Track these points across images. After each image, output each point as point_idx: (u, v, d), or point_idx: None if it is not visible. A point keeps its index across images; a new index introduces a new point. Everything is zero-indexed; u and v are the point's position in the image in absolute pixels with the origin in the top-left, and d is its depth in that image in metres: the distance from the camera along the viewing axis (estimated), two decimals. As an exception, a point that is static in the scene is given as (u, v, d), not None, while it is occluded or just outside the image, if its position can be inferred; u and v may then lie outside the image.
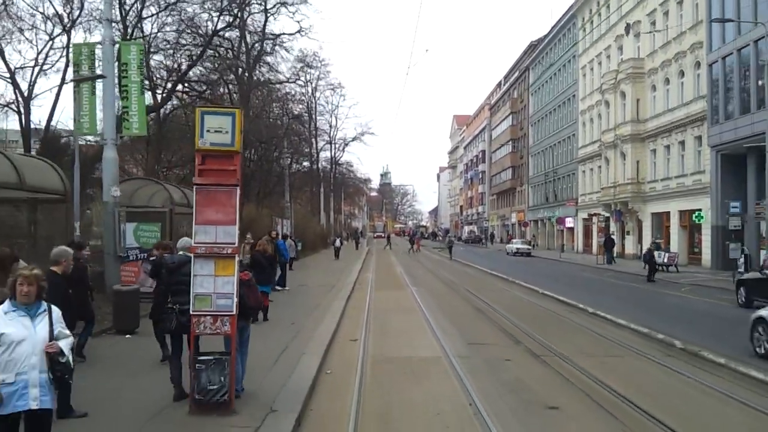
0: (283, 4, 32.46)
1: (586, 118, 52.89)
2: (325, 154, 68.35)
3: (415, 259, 44.01)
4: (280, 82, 36.58)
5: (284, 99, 41.78)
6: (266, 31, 33.81)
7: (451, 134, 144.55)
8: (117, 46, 13.24)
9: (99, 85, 13.18)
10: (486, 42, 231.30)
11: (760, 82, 28.71)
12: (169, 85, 24.05)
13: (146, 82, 17.10)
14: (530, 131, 72.69)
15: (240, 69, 32.60)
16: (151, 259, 9.49)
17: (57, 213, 10.86)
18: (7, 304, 4.30)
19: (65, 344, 4.35)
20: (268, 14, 32.91)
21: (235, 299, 6.47)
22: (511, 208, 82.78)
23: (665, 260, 32.30)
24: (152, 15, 21.08)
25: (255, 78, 34.24)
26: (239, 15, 31.20)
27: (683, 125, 36.43)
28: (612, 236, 42.18)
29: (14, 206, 10.63)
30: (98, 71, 12.98)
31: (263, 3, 32.19)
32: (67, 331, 4.52)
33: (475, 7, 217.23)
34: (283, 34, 34.82)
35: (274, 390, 7.43)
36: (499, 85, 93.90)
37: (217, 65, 27.76)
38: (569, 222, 56.09)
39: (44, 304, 4.38)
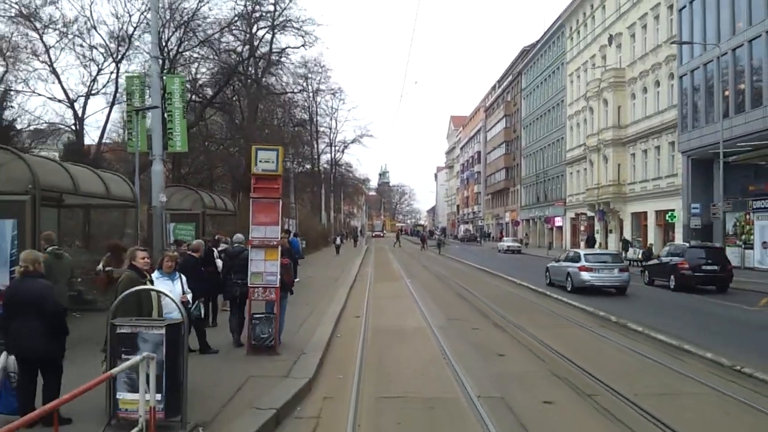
0: (289, 21, 35.38)
1: (573, 122, 55.85)
2: (325, 156, 71.29)
3: (412, 256, 47.01)
4: (285, 93, 39.40)
5: (287, 105, 44.66)
6: (273, 45, 36.73)
7: (448, 135, 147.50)
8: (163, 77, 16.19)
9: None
10: (482, 44, 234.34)
11: (726, 93, 31.62)
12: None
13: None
14: (523, 134, 75.63)
15: (249, 80, 35.46)
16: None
17: (128, 216, 13.78)
18: (156, 272, 7.26)
19: (190, 296, 7.31)
20: (276, 31, 35.78)
21: (278, 276, 9.43)
22: (504, 208, 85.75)
23: (639, 255, 35.36)
24: (188, 50, 24.15)
25: (263, 86, 37.13)
26: (249, 31, 34.22)
27: (659, 131, 39.44)
28: (593, 235, 45.17)
29: (105, 210, 13.58)
30: (147, 98, 15.91)
31: (271, 21, 35.07)
32: (189, 291, 7.49)
33: (473, 10, 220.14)
34: (289, 47, 37.74)
35: (302, 344, 10.38)
36: (493, 88, 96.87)
37: (229, 79, 30.62)
38: (558, 221, 59.16)
39: (177, 273, 7.34)
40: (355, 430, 6.63)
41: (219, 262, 11.73)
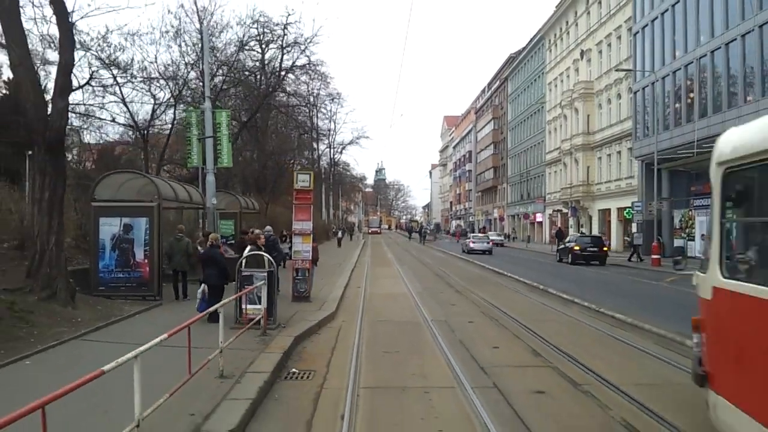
0: (296, 43, 40.85)
1: (551, 127, 61.52)
2: (324, 157, 76.74)
3: (404, 248, 52.69)
4: (293, 106, 44.92)
5: (292, 112, 50.15)
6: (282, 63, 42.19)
7: (442, 134, 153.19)
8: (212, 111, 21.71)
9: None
10: (476, 45, 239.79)
11: (675, 105, 37.21)
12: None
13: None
14: (509, 136, 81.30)
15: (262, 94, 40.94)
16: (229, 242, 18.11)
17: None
18: (248, 248, 12.81)
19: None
20: (284, 52, 41.20)
21: (310, 253, 15.03)
22: (493, 205, 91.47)
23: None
24: (229, 87, 29.83)
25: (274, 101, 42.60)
26: (261, 51, 39.70)
27: (619, 138, 45.13)
28: (561, 229, 50.93)
29: (194, 214, 19.20)
30: (198, 123, 21.46)
31: (281, 43, 40.48)
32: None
33: (467, 12, 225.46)
34: (295, 66, 43.16)
35: (324, 298, 16.00)
36: (483, 91, 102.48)
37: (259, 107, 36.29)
38: (539, 217, 64.88)
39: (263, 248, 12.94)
40: (361, 332, 12.16)
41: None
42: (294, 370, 9.00)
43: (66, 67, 12.08)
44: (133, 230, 14.70)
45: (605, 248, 35.14)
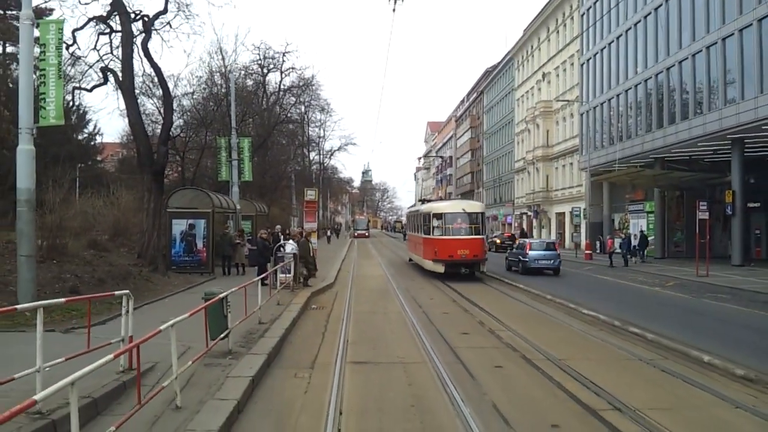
0: (293, 69, 47.89)
1: (519, 138, 68.74)
2: (314, 164, 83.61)
3: (386, 246, 59.84)
4: (291, 122, 51.92)
5: (288, 130, 57.13)
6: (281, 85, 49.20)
7: (426, 138, 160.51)
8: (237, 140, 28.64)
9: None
10: (461, 51, 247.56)
11: (610, 127, 44.44)
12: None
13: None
14: (485, 144, 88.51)
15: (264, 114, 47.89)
16: (249, 239, 25.00)
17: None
18: (285, 241, 19.75)
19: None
20: (283, 75, 48.19)
21: (316, 244, 22.05)
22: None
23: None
24: (248, 120, 37.03)
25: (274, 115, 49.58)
26: (263, 75, 46.69)
27: (571, 152, 52.48)
28: (524, 231, 58.18)
29: (225, 217, 26.21)
30: (226, 147, 28.38)
31: (280, 67, 47.42)
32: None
33: (451, 18, 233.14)
34: (294, 86, 50.17)
35: (323, 276, 22.98)
36: (462, 101, 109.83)
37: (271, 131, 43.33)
38: (509, 218, 72.19)
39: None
40: (351, 296, 19.08)
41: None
42: (313, 306, 16.06)
43: (167, 125, 19.10)
44: (195, 228, 21.64)
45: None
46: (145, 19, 19.75)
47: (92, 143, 46.74)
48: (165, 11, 20.07)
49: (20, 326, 10.59)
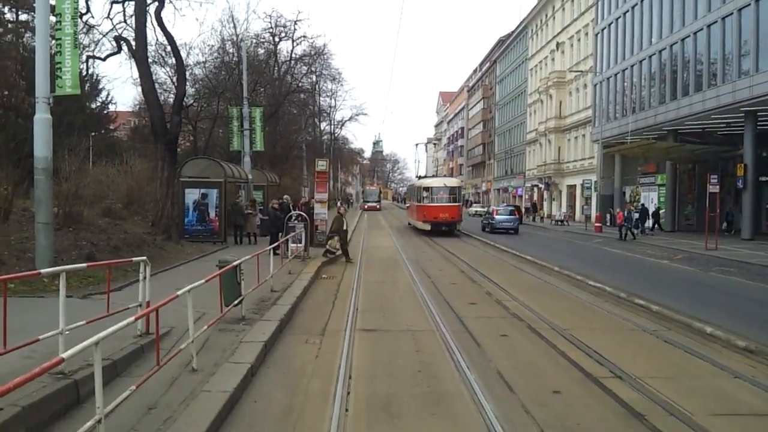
0: (305, 37, 47.64)
1: (531, 109, 68.31)
2: (325, 134, 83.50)
3: (397, 217, 60.08)
4: (302, 91, 51.82)
5: (299, 100, 56.99)
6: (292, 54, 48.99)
7: (437, 109, 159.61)
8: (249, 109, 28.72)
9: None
10: (473, 20, 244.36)
11: (623, 98, 44.08)
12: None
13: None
14: (497, 115, 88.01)
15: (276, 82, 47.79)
16: (260, 208, 25.19)
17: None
18: (294, 211, 19.99)
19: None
20: (295, 44, 47.94)
21: (326, 215, 22.28)
22: (482, 179, 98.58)
23: (563, 217, 48.54)
24: (260, 89, 37.10)
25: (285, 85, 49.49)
26: (274, 43, 46.49)
27: (584, 123, 52.15)
28: (535, 202, 58.20)
29: (237, 186, 26.47)
30: (238, 116, 28.49)
31: (291, 36, 47.16)
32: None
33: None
34: (305, 55, 49.93)
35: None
36: (475, 71, 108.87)
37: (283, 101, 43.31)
38: (519, 191, 72.11)
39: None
40: (360, 266, 19.33)
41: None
42: (324, 276, 16.34)
43: (180, 94, 19.26)
44: (208, 197, 21.89)
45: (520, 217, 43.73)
46: (158, -13, 19.77)
47: (105, 112, 46.98)
48: (177, -21, 20.11)
49: (39, 292, 10.92)
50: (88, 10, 19.16)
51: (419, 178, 42.83)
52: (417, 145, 79.11)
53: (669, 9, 36.81)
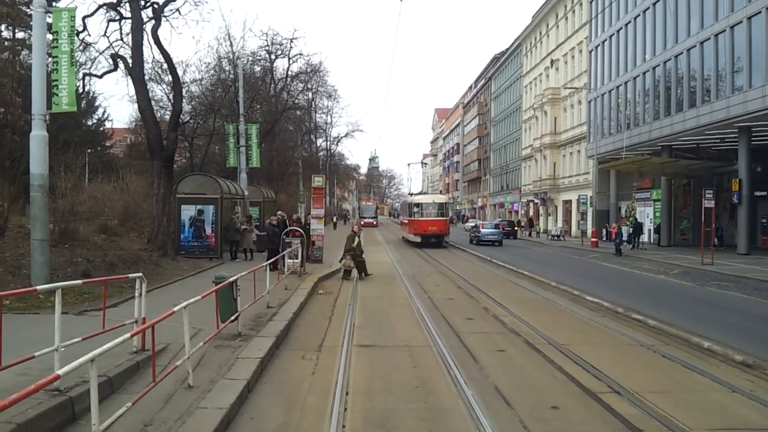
0: (301, 55, 47.88)
1: (526, 125, 68.64)
2: (321, 151, 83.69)
3: (389, 230, 60.06)
4: (298, 108, 52.00)
5: (295, 116, 57.18)
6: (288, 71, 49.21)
7: (433, 125, 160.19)
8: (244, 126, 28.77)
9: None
10: (469, 38, 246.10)
11: (618, 115, 44.32)
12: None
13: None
14: (492, 131, 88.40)
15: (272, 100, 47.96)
16: (256, 224, 25.17)
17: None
18: (289, 228, 19.98)
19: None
20: (291, 61, 48.19)
21: (323, 231, 22.27)
22: (477, 194, 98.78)
23: (559, 232, 48.58)
24: (256, 106, 37.22)
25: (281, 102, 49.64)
26: (270, 61, 46.71)
27: (579, 139, 52.40)
28: (531, 218, 58.33)
29: (233, 203, 26.47)
30: (235, 133, 28.53)
31: (287, 53, 47.42)
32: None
33: (458, 3, 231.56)
34: (301, 73, 50.16)
35: (329, 262, 23.20)
36: (470, 88, 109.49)
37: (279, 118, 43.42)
38: (516, 206, 72.22)
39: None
40: (357, 282, 19.33)
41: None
42: (320, 291, 16.29)
43: (176, 112, 19.29)
44: (204, 214, 21.87)
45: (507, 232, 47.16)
46: (155, 6, 19.89)
47: (101, 129, 47.05)
48: (174, -2, 20.21)
49: (34, 308, 10.85)
50: (85, 28, 19.20)
51: (411, 195, 46.66)
52: (409, 164, 79.52)
53: (662, 25, 37.19)
